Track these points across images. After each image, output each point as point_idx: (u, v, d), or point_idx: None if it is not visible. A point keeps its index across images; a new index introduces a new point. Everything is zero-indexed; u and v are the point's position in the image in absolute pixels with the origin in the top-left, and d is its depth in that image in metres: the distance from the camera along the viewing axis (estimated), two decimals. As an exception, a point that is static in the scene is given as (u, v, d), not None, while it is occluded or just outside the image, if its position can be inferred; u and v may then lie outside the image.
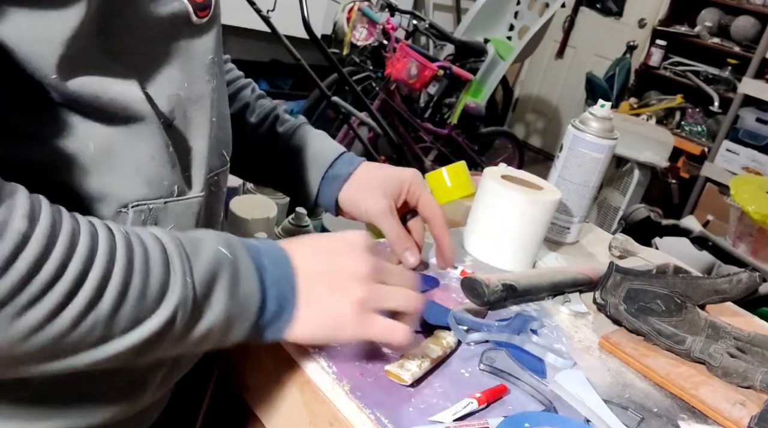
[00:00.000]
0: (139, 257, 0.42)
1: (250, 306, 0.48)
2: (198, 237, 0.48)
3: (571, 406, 0.62)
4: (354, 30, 2.92)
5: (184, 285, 0.44)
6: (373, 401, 0.58)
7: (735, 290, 0.80)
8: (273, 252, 0.51)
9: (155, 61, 0.49)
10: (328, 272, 0.53)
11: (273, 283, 0.50)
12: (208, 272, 0.46)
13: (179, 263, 0.44)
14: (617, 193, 3.17)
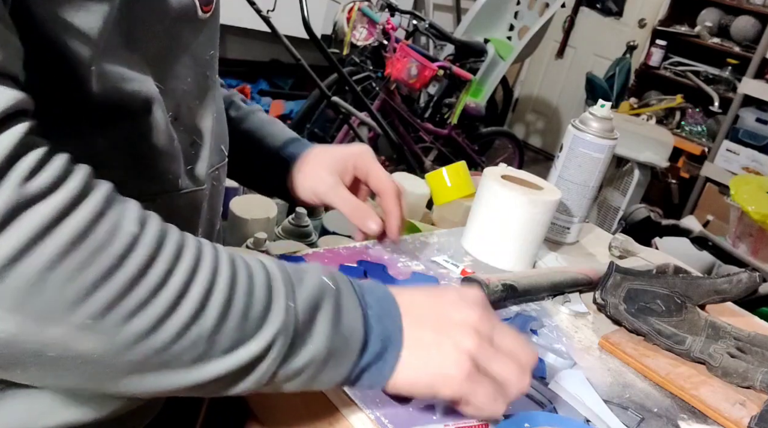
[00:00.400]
0: (242, 276, 0.41)
1: (353, 341, 0.45)
2: (302, 267, 0.46)
3: (571, 406, 0.62)
4: (354, 30, 2.92)
5: (287, 309, 0.42)
6: (373, 401, 0.58)
7: (735, 290, 0.80)
8: (377, 291, 0.49)
9: (163, 56, 0.50)
10: (437, 317, 0.49)
11: (377, 320, 0.47)
12: (312, 300, 0.44)
13: (282, 287, 0.43)
14: (617, 193, 3.17)
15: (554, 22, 4.21)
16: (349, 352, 0.45)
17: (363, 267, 0.79)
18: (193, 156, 0.56)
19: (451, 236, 0.96)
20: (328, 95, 2.64)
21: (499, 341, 0.50)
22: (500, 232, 0.88)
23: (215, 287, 0.40)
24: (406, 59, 2.85)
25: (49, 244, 0.33)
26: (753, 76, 3.58)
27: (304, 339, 0.43)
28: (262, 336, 0.41)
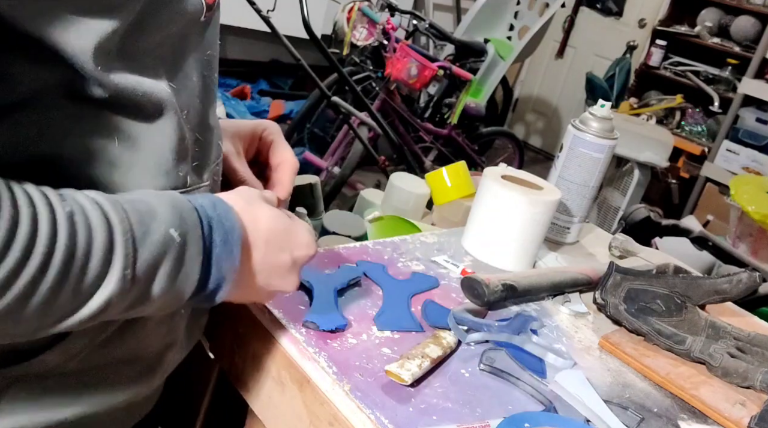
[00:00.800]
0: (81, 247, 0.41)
1: (187, 289, 0.48)
2: (152, 212, 0.46)
3: (571, 406, 0.62)
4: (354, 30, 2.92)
5: (122, 278, 0.43)
6: (373, 401, 0.58)
7: (735, 290, 0.80)
8: (226, 223, 0.51)
9: (174, 57, 0.51)
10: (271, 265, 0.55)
11: (216, 264, 0.50)
12: (153, 259, 0.45)
13: (122, 252, 0.43)
14: (617, 193, 3.17)
15: (554, 22, 4.21)
16: (182, 296, 0.49)
17: (363, 267, 0.79)
18: (198, 153, 0.57)
19: (451, 236, 0.96)
20: (328, 95, 2.64)
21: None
22: (500, 232, 0.88)
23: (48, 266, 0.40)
24: (406, 59, 2.84)
25: None
26: (753, 76, 3.58)
27: (139, 298, 0.46)
28: (95, 301, 0.43)
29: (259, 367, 0.69)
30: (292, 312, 0.68)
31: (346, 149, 3.01)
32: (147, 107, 0.48)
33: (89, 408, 0.52)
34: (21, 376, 0.48)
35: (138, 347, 0.55)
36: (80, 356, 0.50)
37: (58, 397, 0.50)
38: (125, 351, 0.54)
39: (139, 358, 0.56)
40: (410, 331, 0.70)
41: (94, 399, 0.52)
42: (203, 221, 0.49)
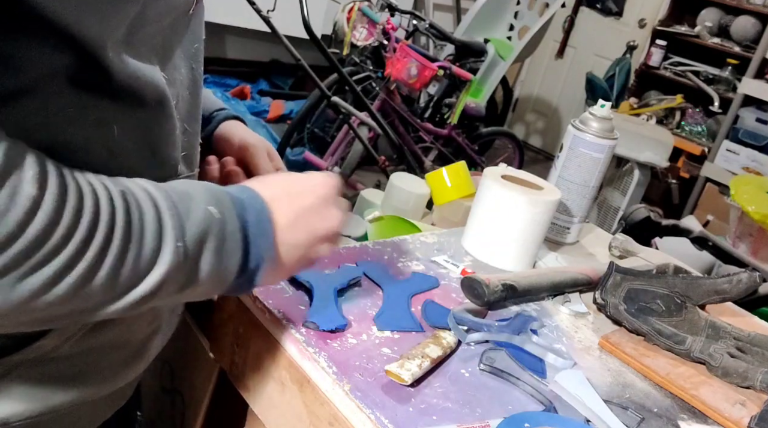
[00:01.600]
0: (136, 223, 0.43)
1: (232, 266, 0.50)
2: (189, 193, 0.48)
3: (571, 406, 0.62)
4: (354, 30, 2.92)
5: (175, 251, 0.45)
6: (373, 401, 0.58)
7: (735, 290, 0.80)
8: (256, 204, 0.53)
9: (164, 48, 0.52)
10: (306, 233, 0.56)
11: (254, 242, 0.52)
12: (199, 235, 0.47)
13: (171, 227, 0.45)
14: (617, 193, 3.17)
15: (554, 22, 4.21)
16: (228, 274, 0.50)
17: (363, 267, 0.79)
18: (186, 143, 0.59)
19: (451, 236, 0.96)
20: (328, 95, 2.64)
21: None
22: (500, 232, 0.88)
23: (112, 241, 0.42)
24: (406, 59, 2.84)
25: None
26: (753, 76, 3.58)
27: (192, 272, 0.47)
28: (152, 277, 0.44)
29: (259, 367, 0.69)
30: (292, 312, 0.68)
31: (346, 149, 3.01)
32: (146, 96, 0.49)
33: (81, 395, 0.53)
34: (19, 363, 0.49)
35: (127, 332, 0.56)
36: (73, 339, 0.51)
37: (52, 384, 0.51)
38: (115, 335, 0.55)
39: (127, 343, 0.57)
40: (410, 331, 0.70)
41: (86, 384, 0.53)
42: (235, 201, 0.51)
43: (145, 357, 0.60)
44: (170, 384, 0.90)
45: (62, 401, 0.52)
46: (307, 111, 3.07)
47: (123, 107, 0.48)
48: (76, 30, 0.41)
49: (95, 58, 0.43)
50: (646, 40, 4.29)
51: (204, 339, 0.80)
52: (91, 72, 0.44)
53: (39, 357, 0.50)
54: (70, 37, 0.41)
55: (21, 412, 0.50)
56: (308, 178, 0.59)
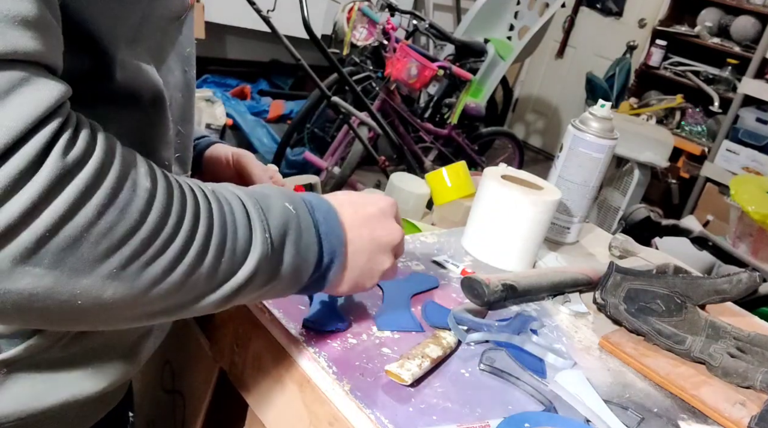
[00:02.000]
0: (229, 216, 0.46)
1: (311, 258, 0.53)
2: (265, 193, 0.51)
3: (571, 406, 0.62)
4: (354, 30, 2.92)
5: (264, 241, 0.48)
6: (373, 401, 0.58)
7: (735, 290, 0.80)
8: (323, 206, 0.55)
9: (159, 50, 0.53)
10: (370, 238, 0.58)
11: (326, 237, 0.54)
12: (280, 228, 0.50)
13: (258, 220, 0.48)
14: (617, 193, 3.17)
15: (554, 22, 4.21)
16: (307, 267, 0.53)
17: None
18: (179, 145, 0.60)
19: (451, 236, 0.96)
20: (328, 95, 2.64)
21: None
22: (500, 232, 0.88)
23: (213, 231, 0.44)
24: (406, 59, 2.84)
25: (87, 207, 0.37)
26: (753, 76, 3.58)
27: (277, 264, 0.50)
28: (248, 264, 0.47)
29: (259, 367, 0.69)
30: (292, 312, 0.68)
31: (346, 149, 3.01)
32: (143, 95, 0.50)
33: (71, 395, 0.53)
34: (10, 363, 0.49)
35: (117, 334, 0.56)
36: (65, 340, 0.51)
37: (44, 385, 0.52)
38: (106, 337, 0.55)
39: (118, 345, 0.57)
40: (410, 331, 0.70)
41: (77, 386, 0.54)
42: (305, 201, 0.54)
43: (137, 360, 0.60)
44: (170, 384, 0.90)
45: (53, 402, 0.52)
46: (307, 111, 3.07)
47: (119, 107, 0.48)
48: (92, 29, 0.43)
49: (105, 58, 0.44)
50: (646, 40, 4.29)
51: (204, 339, 0.80)
52: (95, 71, 0.45)
53: (30, 357, 0.50)
54: (86, 37, 0.43)
55: (12, 413, 0.50)
56: (368, 194, 0.62)
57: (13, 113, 0.34)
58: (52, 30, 0.37)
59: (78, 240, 0.37)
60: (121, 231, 0.38)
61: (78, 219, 0.36)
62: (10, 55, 0.34)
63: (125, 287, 0.40)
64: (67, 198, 0.36)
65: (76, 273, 0.38)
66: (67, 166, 0.36)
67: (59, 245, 0.36)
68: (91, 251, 0.37)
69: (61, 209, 0.36)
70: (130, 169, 0.40)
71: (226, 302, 0.47)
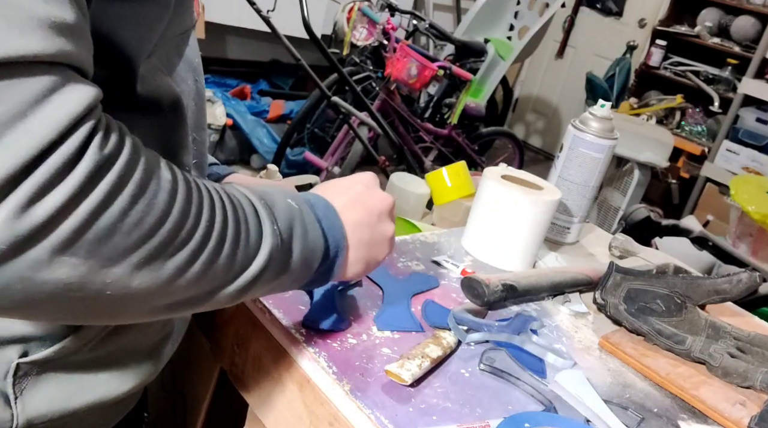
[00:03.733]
0: (240, 210, 0.48)
1: (317, 252, 0.54)
2: (267, 191, 0.53)
3: (571, 406, 0.62)
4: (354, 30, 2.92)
5: (274, 232, 0.49)
6: (373, 401, 0.58)
7: (735, 290, 0.80)
8: (320, 203, 0.57)
9: (170, 61, 0.55)
10: (367, 214, 0.60)
11: (329, 230, 0.56)
12: (287, 221, 0.51)
13: (266, 214, 0.50)
14: (617, 193, 3.17)
15: (554, 22, 4.20)
16: (314, 260, 0.54)
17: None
18: (196, 151, 0.62)
19: (451, 236, 0.96)
20: (328, 95, 2.64)
21: None
22: (500, 232, 0.88)
23: (228, 223, 0.46)
24: (406, 59, 2.84)
25: (120, 198, 0.38)
26: (753, 76, 3.58)
27: (287, 256, 0.51)
28: (261, 257, 0.48)
29: (259, 367, 0.69)
30: (292, 312, 0.68)
31: (346, 149, 3.01)
32: (163, 101, 0.52)
33: (98, 398, 0.54)
34: (44, 362, 0.51)
35: (141, 336, 0.57)
36: (93, 342, 0.53)
37: (72, 385, 0.53)
38: (129, 340, 0.56)
39: (141, 348, 0.58)
40: (410, 331, 0.70)
41: (103, 388, 0.55)
42: (305, 198, 0.56)
43: (158, 363, 0.61)
44: (171, 384, 0.90)
45: (81, 404, 0.53)
46: (307, 111, 3.07)
47: (142, 114, 0.50)
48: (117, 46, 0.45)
49: (126, 71, 0.46)
50: (646, 40, 4.29)
51: (204, 339, 0.80)
52: (117, 84, 0.47)
53: (61, 358, 0.51)
54: (109, 53, 0.44)
55: (44, 412, 0.51)
56: (348, 176, 0.63)
57: (57, 110, 0.36)
58: (86, 37, 0.39)
59: (112, 230, 0.38)
60: (150, 222, 0.40)
61: (113, 210, 0.38)
62: (57, 57, 0.36)
63: (152, 276, 0.41)
64: (103, 190, 0.37)
65: (109, 262, 0.39)
66: (103, 160, 0.38)
67: (96, 235, 0.38)
68: (124, 240, 0.39)
69: (98, 200, 0.37)
70: (154, 164, 0.41)
71: (242, 293, 0.49)
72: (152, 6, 0.46)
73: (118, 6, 0.44)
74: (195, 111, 0.62)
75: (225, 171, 0.80)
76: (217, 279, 0.46)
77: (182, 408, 0.88)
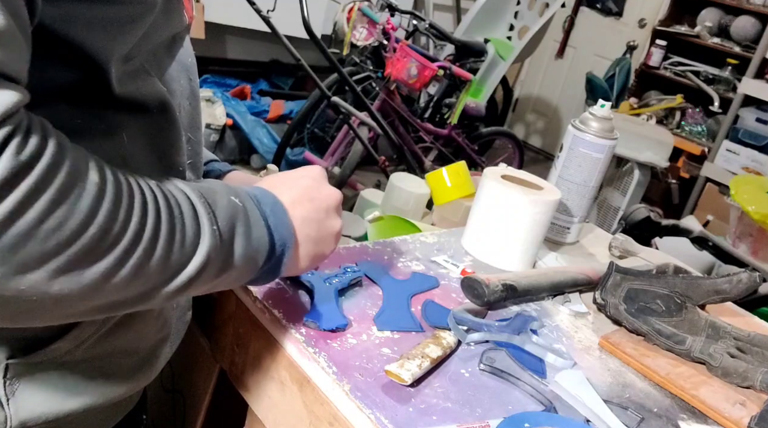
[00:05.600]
0: (176, 210, 0.46)
1: (261, 250, 0.54)
2: (211, 187, 0.52)
3: (571, 406, 0.62)
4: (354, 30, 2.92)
5: (213, 233, 0.48)
6: (373, 401, 0.58)
7: (735, 290, 0.80)
8: (267, 198, 0.56)
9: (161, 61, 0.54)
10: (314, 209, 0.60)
11: (275, 228, 0.55)
12: (228, 220, 0.50)
13: (205, 213, 0.49)
14: (617, 193, 3.17)
15: (554, 22, 4.20)
16: (259, 258, 0.54)
17: (363, 267, 0.79)
18: (190, 151, 0.61)
19: (451, 236, 0.96)
20: (328, 95, 2.64)
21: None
22: (500, 232, 0.88)
23: (161, 224, 0.45)
24: (406, 59, 2.84)
25: (37, 205, 0.37)
26: (753, 76, 3.58)
27: (228, 255, 0.50)
28: (198, 258, 0.47)
29: (259, 367, 0.69)
30: (292, 312, 0.68)
31: (346, 149, 3.01)
32: (148, 103, 0.51)
33: (93, 400, 0.54)
34: (36, 364, 0.50)
35: (137, 338, 0.57)
36: (87, 343, 0.52)
37: (67, 389, 0.53)
38: (126, 342, 0.56)
39: (137, 350, 0.58)
40: (410, 331, 0.70)
41: (98, 390, 0.55)
42: (251, 195, 0.55)
43: (155, 365, 0.61)
44: (171, 384, 0.90)
45: (76, 406, 0.53)
46: (307, 111, 3.07)
47: (128, 115, 0.50)
48: (83, 48, 0.44)
49: (99, 73, 0.45)
50: (646, 40, 4.29)
51: (204, 339, 0.80)
52: (94, 85, 0.46)
53: (54, 359, 0.51)
54: (79, 56, 0.44)
55: (38, 414, 0.51)
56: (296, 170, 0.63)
57: None
58: (17, 42, 0.38)
59: (27, 237, 0.37)
60: (71, 228, 0.39)
61: (28, 216, 0.37)
62: None
63: (73, 281, 0.40)
64: (18, 196, 0.36)
65: (24, 269, 0.38)
66: (19, 166, 0.37)
67: (8, 243, 0.37)
68: (40, 247, 0.38)
69: (11, 206, 0.36)
70: (80, 167, 0.40)
71: (182, 291, 0.48)
72: (124, 7, 0.45)
73: (84, 7, 0.43)
74: (189, 111, 0.61)
75: (226, 168, 0.79)
76: (150, 281, 0.45)
77: (182, 407, 0.88)
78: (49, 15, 0.41)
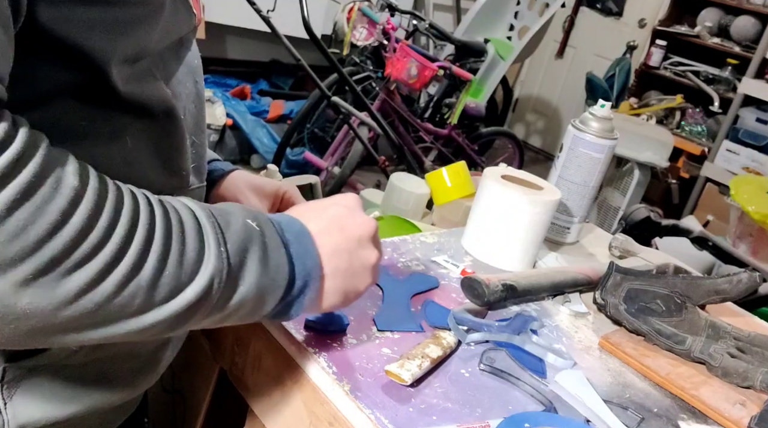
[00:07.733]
0: (176, 226, 0.42)
1: (280, 279, 0.48)
2: (226, 210, 0.48)
3: (571, 406, 0.62)
4: (354, 30, 2.92)
5: (219, 255, 0.44)
6: (373, 401, 0.58)
7: (735, 290, 0.80)
8: (293, 226, 0.52)
9: (168, 64, 0.54)
10: (346, 240, 0.54)
11: (298, 257, 0.50)
12: (241, 243, 0.46)
13: (213, 233, 0.44)
14: (617, 193, 3.17)
15: (554, 22, 4.20)
16: (277, 289, 0.48)
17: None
18: (195, 154, 0.60)
19: (451, 236, 0.96)
20: (328, 95, 2.64)
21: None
22: (500, 232, 0.88)
23: (153, 239, 0.41)
24: (406, 59, 2.84)
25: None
26: (753, 76, 3.58)
27: (237, 281, 0.46)
28: (199, 281, 0.43)
29: (259, 367, 0.69)
30: (292, 312, 0.68)
31: (346, 149, 3.01)
32: (153, 107, 0.50)
33: (94, 403, 0.54)
34: (34, 368, 0.50)
35: (138, 342, 0.56)
36: (86, 348, 0.51)
37: (67, 392, 0.52)
38: (126, 346, 0.55)
39: (138, 354, 0.57)
40: (410, 331, 0.70)
41: (98, 394, 0.54)
42: (273, 221, 0.50)
43: (157, 369, 0.61)
44: (171, 384, 0.90)
45: (76, 409, 0.52)
46: (307, 111, 3.07)
47: (132, 118, 0.49)
48: (83, 49, 0.43)
49: (101, 75, 0.44)
50: (646, 40, 4.29)
51: (204, 339, 0.80)
52: (98, 87, 0.45)
53: (53, 363, 0.50)
54: (78, 57, 0.43)
55: (37, 419, 0.50)
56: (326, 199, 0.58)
57: None
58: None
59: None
60: (37, 232, 0.35)
61: None
62: None
63: (44, 295, 0.36)
64: None
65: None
66: None
67: None
68: (1, 252, 0.34)
69: None
70: (54, 166, 0.37)
71: (175, 322, 0.43)
72: (127, 9, 0.44)
73: (84, 9, 0.42)
74: (194, 114, 0.60)
75: (228, 168, 0.76)
76: (137, 302, 0.40)
77: (182, 408, 0.88)
78: (49, 16, 0.41)
